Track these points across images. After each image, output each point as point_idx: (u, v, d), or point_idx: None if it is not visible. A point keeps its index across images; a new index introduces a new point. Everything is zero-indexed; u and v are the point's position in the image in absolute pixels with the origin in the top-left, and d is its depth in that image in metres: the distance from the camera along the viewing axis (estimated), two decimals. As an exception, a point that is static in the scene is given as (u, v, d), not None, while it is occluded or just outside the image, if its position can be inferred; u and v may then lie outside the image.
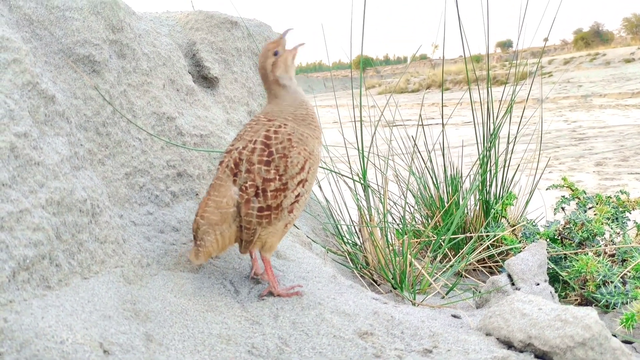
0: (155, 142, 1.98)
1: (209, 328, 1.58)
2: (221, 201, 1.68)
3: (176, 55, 2.22)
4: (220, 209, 1.68)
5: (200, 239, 1.69)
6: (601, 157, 10.15)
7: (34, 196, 1.34)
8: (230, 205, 1.68)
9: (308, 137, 1.77)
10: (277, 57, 1.79)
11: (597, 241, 2.65)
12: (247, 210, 1.68)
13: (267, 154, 1.69)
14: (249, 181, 1.68)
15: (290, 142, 1.72)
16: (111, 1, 1.88)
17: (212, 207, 1.69)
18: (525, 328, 1.60)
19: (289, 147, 1.71)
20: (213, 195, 1.70)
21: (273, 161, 1.69)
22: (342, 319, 1.73)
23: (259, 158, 1.69)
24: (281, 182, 1.70)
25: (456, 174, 3.19)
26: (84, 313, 1.32)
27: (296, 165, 1.72)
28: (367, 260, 2.64)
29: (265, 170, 1.68)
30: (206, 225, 1.68)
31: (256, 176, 1.68)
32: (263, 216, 1.69)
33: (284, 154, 1.70)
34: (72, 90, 1.73)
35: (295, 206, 1.76)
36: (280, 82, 1.80)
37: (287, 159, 1.70)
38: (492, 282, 2.19)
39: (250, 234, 1.71)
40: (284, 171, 1.70)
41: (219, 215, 1.68)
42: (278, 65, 1.79)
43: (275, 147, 1.70)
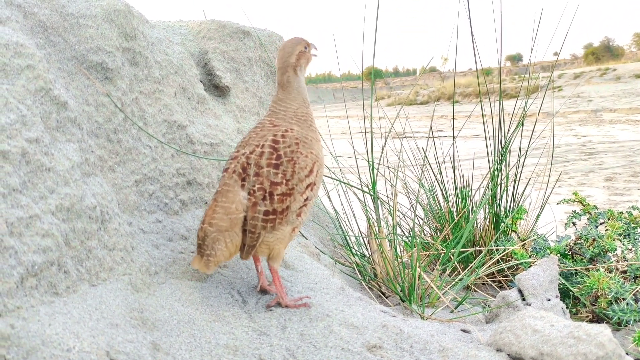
0: (165, 150, 1.98)
1: (216, 338, 1.57)
2: (230, 207, 1.67)
3: (188, 63, 2.22)
4: (229, 214, 1.67)
5: (209, 247, 1.66)
6: (611, 172, 10.08)
7: (44, 202, 1.34)
8: (239, 211, 1.67)
9: (312, 140, 1.80)
10: (305, 50, 1.87)
11: (609, 257, 2.62)
12: (254, 214, 1.67)
13: (275, 157, 1.70)
14: (257, 184, 1.68)
15: (297, 146, 1.74)
16: (125, 9, 1.89)
17: (220, 213, 1.67)
18: (537, 345, 1.57)
19: (296, 151, 1.73)
20: (221, 201, 1.68)
21: (281, 164, 1.70)
22: (350, 332, 1.71)
23: (268, 161, 1.69)
24: (288, 187, 1.70)
25: (466, 186, 3.17)
26: (91, 321, 1.31)
27: (304, 168, 1.74)
28: (376, 272, 2.61)
29: (274, 174, 1.69)
30: (215, 232, 1.66)
31: (264, 179, 1.68)
32: (268, 220, 1.68)
33: (291, 157, 1.72)
34: (84, 96, 1.73)
35: (303, 210, 1.76)
36: (298, 71, 1.85)
37: (294, 163, 1.72)
38: (502, 296, 2.17)
39: (255, 238, 1.69)
40: (291, 176, 1.71)
41: (229, 221, 1.67)
42: (304, 55, 1.86)
43: (283, 151, 1.71)
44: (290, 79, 1.84)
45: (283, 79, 1.85)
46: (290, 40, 1.89)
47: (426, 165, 3.19)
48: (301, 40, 1.88)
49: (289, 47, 1.86)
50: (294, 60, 1.84)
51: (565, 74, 35.43)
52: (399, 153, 3.18)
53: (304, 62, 1.86)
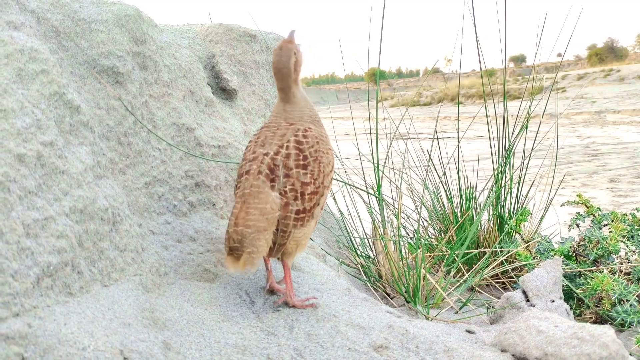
0: (174, 153, 2.01)
1: (225, 338, 1.60)
2: (265, 207, 1.69)
3: (196, 67, 2.25)
4: (265, 214, 1.68)
5: (250, 245, 1.65)
6: (615, 174, 10.08)
7: (58, 204, 1.37)
8: (275, 210, 1.70)
9: (327, 138, 1.87)
10: (297, 57, 1.84)
11: (613, 259, 2.64)
12: (286, 214, 1.70)
13: (302, 158, 1.75)
14: (289, 185, 1.71)
15: (319, 144, 1.80)
16: (135, 14, 1.92)
17: (256, 214, 1.68)
18: (542, 345, 1.60)
19: (319, 150, 1.79)
20: (253, 203, 1.69)
21: (309, 165, 1.75)
22: (357, 332, 1.74)
23: (296, 162, 1.73)
24: (315, 186, 1.76)
25: (470, 188, 3.19)
26: (105, 320, 1.34)
27: (328, 164, 1.81)
28: (380, 273, 2.64)
29: (303, 174, 1.73)
30: (254, 232, 1.66)
31: (295, 180, 1.72)
32: (299, 218, 1.73)
33: (316, 157, 1.77)
34: (95, 100, 1.76)
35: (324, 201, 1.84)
36: (298, 81, 1.87)
37: (320, 162, 1.78)
38: (506, 298, 2.19)
39: (285, 237, 1.73)
40: (318, 174, 1.76)
41: (266, 221, 1.68)
42: (299, 64, 1.86)
43: (308, 151, 1.76)
44: (295, 93, 1.86)
45: (289, 95, 1.84)
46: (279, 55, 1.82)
47: (430, 167, 3.21)
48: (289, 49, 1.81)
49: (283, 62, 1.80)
50: (294, 76, 1.83)
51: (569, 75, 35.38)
52: (403, 155, 3.20)
53: (300, 69, 1.86)
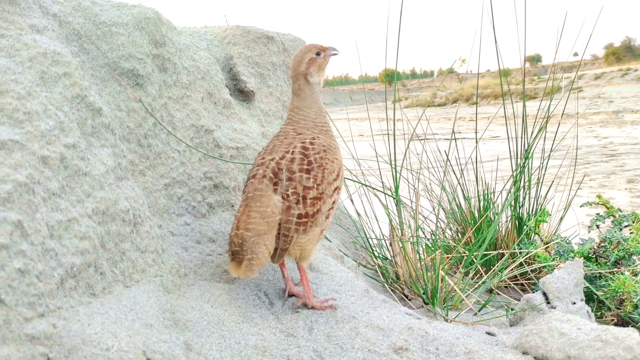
0: (193, 154, 2.02)
1: (245, 339, 1.60)
2: (266, 210, 1.70)
3: (214, 69, 2.26)
4: (266, 218, 1.70)
5: (250, 251, 1.67)
6: (633, 174, 9.95)
7: (81, 205, 1.38)
8: (276, 214, 1.70)
9: (335, 148, 1.88)
10: (317, 57, 1.90)
11: (634, 260, 2.60)
12: (288, 217, 1.71)
13: (306, 163, 1.76)
14: (291, 189, 1.72)
15: (325, 152, 1.81)
16: (155, 17, 1.94)
17: (256, 217, 1.69)
18: (564, 348, 1.58)
19: (324, 158, 1.80)
20: (255, 206, 1.71)
21: (312, 170, 1.76)
22: (376, 334, 1.73)
23: (299, 167, 1.74)
24: (318, 191, 1.76)
25: (488, 189, 3.17)
26: (127, 321, 1.35)
27: (332, 172, 1.80)
28: (398, 274, 2.63)
29: (306, 178, 1.74)
30: (254, 236, 1.68)
31: (297, 184, 1.72)
32: (301, 223, 1.72)
33: (321, 163, 1.78)
34: (116, 102, 1.78)
35: (330, 212, 1.83)
36: (309, 78, 1.89)
37: (324, 169, 1.78)
38: (526, 300, 2.17)
39: (288, 242, 1.72)
40: (321, 180, 1.77)
41: (266, 224, 1.69)
42: (314, 63, 1.89)
43: (313, 157, 1.77)
44: (301, 87, 1.89)
45: (295, 87, 1.90)
46: (301, 49, 1.93)
47: (448, 168, 3.19)
48: (312, 47, 1.91)
49: (299, 55, 1.90)
50: (303, 68, 1.88)
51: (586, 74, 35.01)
52: (419, 156, 3.19)
53: (314, 69, 1.89)
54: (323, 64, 1.92)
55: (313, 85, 1.90)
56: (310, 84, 1.89)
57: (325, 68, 1.94)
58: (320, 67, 1.91)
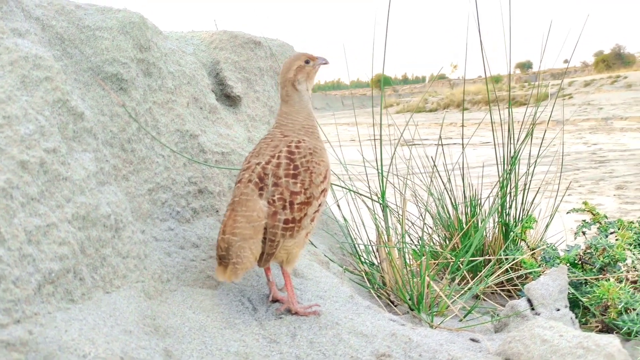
0: (177, 159, 2.01)
1: (227, 345, 1.59)
2: (252, 215, 1.70)
3: (200, 74, 2.26)
4: (252, 222, 1.69)
5: (235, 255, 1.67)
6: (622, 181, 10.02)
7: (60, 211, 1.37)
8: (261, 218, 1.70)
9: (322, 150, 1.87)
10: (305, 65, 1.91)
11: (619, 267, 2.61)
12: (274, 223, 1.70)
13: (292, 167, 1.75)
14: (277, 194, 1.71)
15: (311, 155, 1.80)
16: (140, 21, 1.93)
17: (242, 222, 1.69)
18: (546, 355, 1.58)
19: (311, 161, 1.79)
20: (241, 210, 1.71)
21: (299, 174, 1.75)
22: (359, 340, 1.73)
23: (286, 172, 1.74)
24: (306, 196, 1.75)
25: (475, 195, 3.18)
26: (106, 327, 1.34)
27: (319, 175, 1.80)
28: (384, 280, 2.62)
29: (293, 183, 1.74)
30: (240, 241, 1.68)
31: (284, 189, 1.72)
32: (288, 228, 1.72)
33: (307, 167, 1.78)
34: (99, 107, 1.77)
35: (316, 215, 1.83)
36: (297, 85, 1.89)
37: (311, 173, 1.78)
38: (511, 306, 2.17)
39: (274, 246, 1.72)
40: (309, 184, 1.76)
41: (252, 229, 1.69)
42: (302, 70, 1.90)
43: (299, 161, 1.77)
44: (289, 93, 1.90)
45: (282, 93, 1.91)
46: (291, 56, 1.94)
47: (435, 174, 3.20)
48: (301, 55, 1.93)
49: (288, 62, 1.92)
50: (291, 75, 1.89)
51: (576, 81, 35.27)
52: (407, 161, 3.19)
53: (302, 76, 1.90)
54: (311, 73, 1.93)
55: (301, 93, 1.90)
56: (298, 91, 1.90)
57: (313, 76, 1.95)
58: (309, 75, 1.92)
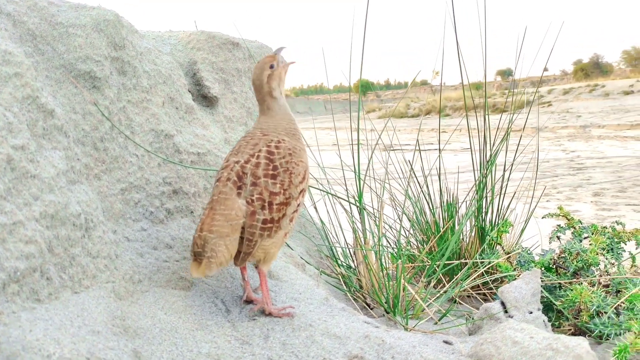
0: (152, 159, 1.99)
1: (198, 347, 1.57)
2: (230, 213, 1.69)
3: (177, 73, 2.24)
4: (230, 220, 1.69)
5: (210, 250, 1.66)
6: (599, 188, 10.17)
7: (28, 209, 1.35)
8: (239, 217, 1.70)
9: (301, 150, 1.87)
10: (272, 70, 1.89)
11: (592, 271, 2.64)
12: (252, 222, 1.70)
13: (272, 167, 1.75)
14: (256, 194, 1.71)
15: (291, 156, 1.80)
16: (114, 19, 1.91)
17: (220, 220, 1.68)
18: (516, 356, 1.59)
19: (290, 161, 1.79)
20: (219, 209, 1.70)
21: (279, 175, 1.75)
22: (332, 342, 1.72)
23: (265, 172, 1.74)
24: (285, 196, 1.75)
25: (453, 199, 3.20)
26: (73, 327, 1.32)
27: (298, 175, 1.80)
28: (361, 283, 2.63)
29: (272, 184, 1.73)
30: (217, 238, 1.67)
31: (263, 189, 1.72)
32: (266, 228, 1.72)
33: (287, 168, 1.78)
34: (71, 105, 1.74)
35: (294, 215, 1.83)
36: (273, 94, 1.89)
37: (291, 173, 1.78)
38: (485, 309, 2.19)
39: (251, 246, 1.72)
40: (288, 185, 1.76)
41: (229, 227, 1.69)
42: (273, 78, 1.89)
43: (279, 162, 1.77)
44: (270, 106, 1.90)
45: (264, 107, 1.90)
46: (255, 70, 1.91)
47: (413, 178, 3.21)
48: (263, 63, 1.90)
49: (257, 74, 1.89)
50: (267, 88, 1.88)
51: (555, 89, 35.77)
52: (386, 165, 3.20)
53: (275, 83, 1.89)
54: (282, 74, 1.93)
55: (279, 100, 1.91)
56: (276, 99, 1.90)
57: (284, 76, 1.95)
58: (280, 77, 1.92)
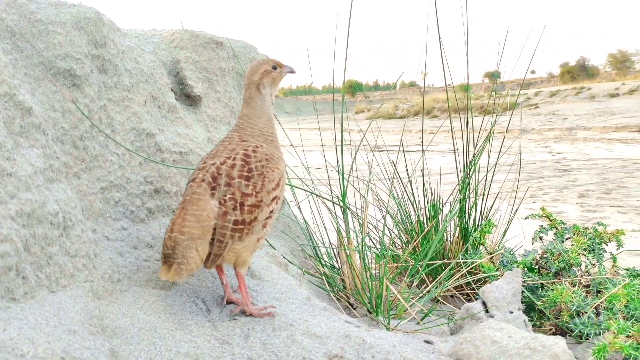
0: (133, 158, 1.98)
1: (177, 346, 1.57)
2: (201, 214, 1.68)
3: (159, 72, 2.23)
4: (201, 222, 1.68)
5: (181, 255, 1.65)
6: (584, 189, 10.28)
7: (3, 207, 1.33)
8: (211, 218, 1.69)
9: (278, 158, 1.87)
10: (272, 70, 1.93)
11: (574, 271, 2.67)
12: (224, 223, 1.69)
13: (247, 170, 1.75)
14: (229, 194, 1.70)
15: (267, 161, 1.81)
16: (95, 17, 1.90)
17: (192, 221, 1.67)
18: (495, 355, 1.60)
19: (266, 166, 1.79)
20: (191, 209, 1.69)
21: (252, 177, 1.75)
22: (313, 341, 1.72)
23: (239, 173, 1.74)
24: (257, 199, 1.74)
25: (437, 200, 3.21)
26: (48, 327, 1.30)
27: (272, 182, 1.80)
28: (345, 283, 2.63)
29: (245, 185, 1.73)
30: (187, 240, 1.66)
31: (236, 190, 1.71)
32: (237, 229, 1.71)
33: (262, 172, 1.78)
34: (50, 102, 1.73)
35: (268, 221, 1.82)
36: (261, 88, 1.91)
37: (264, 177, 1.78)
38: (466, 309, 2.20)
39: (222, 247, 1.70)
40: (260, 188, 1.76)
41: (201, 228, 1.67)
42: (269, 76, 1.92)
43: (254, 165, 1.77)
44: (252, 96, 1.91)
45: (246, 95, 1.92)
46: (258, 60, 1.96)
47: (397, 178, 3.23)
48: (270, 60, 1.95)
49: (255, 65, 1.93)
50: (257, 78, 1.90)
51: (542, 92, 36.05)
52: (370, 165, 3.21)
53: (267, 81, 1.91)
54: (277, 78, 1.95)
55: (264, 96, 1.91)
56: (261, 94, 1.91)
57: (278, 83, 1.97)
58: (274, 80, 1.94)
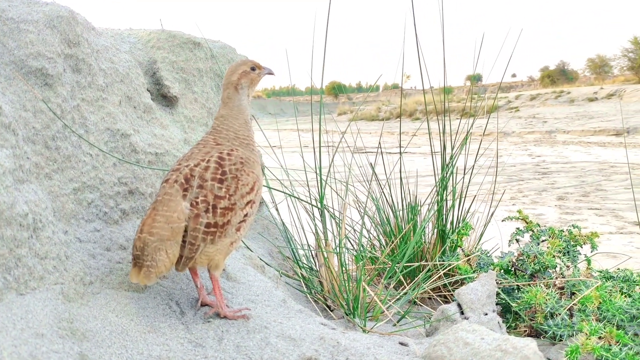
0: (107, 159, 1.96)
1: (149, 349, 1.55)
2: (172, 216, 1.66)
3: (135, 72, 2.21)
4: (171, 223, 1.66)
5: (150, 257, 1.63)
6: (563, 192, 10.40)
7: (-31, 208, 1.31)
8: (181, 220, 1.67)
9: (254, 162, 1.86)
10: (250, 72, 1.93)
11: (549, 273, 2.70)
12: (195, 225, 1.67)
13: (220, 172, 1.74)
14: (201, 196, 1.69)
15: (242, 165, 1.80)
16: (68, 16, 1.87)
17: (161, 222, 1.66)
18: (467, 357, 1.61)
19: (240, 170, 1.78)
20: (162, 210, 1.67)
21: (226, 180, 1.74)
22: (287, 344, 1.72)
23: (213, 175, 1.72)
24: (230, 202, 1.73)
25: (415, 202, 3.22)
26: (15, 330, 1.28)
27: (246, 185, 1.78)
28: (322, 285, 2.63)
29: (218, 188, 1.72)
30: (157, 241, 1.64)
31: (208, 192, 1.70)
32: (209, 232, 1.69)
33: (235, 175, 1.76)
34: (21, 102, 1.70)
35: (242, 225, 1.80)
36: (239, 89, 1.91)
37: (238, 180, 1.76)
38: (442, 310, 2.21)
39: (193, 250, 1.69)
40: (234, 191, 1.74)
41: (170, 230, 1.66)
42: (247, 77, 1.92)
43: (228, 168, 1.76)
44: (230, 96, 1.90)
45: (224, 95, 1.91)
46: (238, 61, 1.97)
47: (376, 180, 3.23)
48: (249, 61, 1.95)
49: (234, 66, 1.93)
50: (235, 78, 1.90)
51: (522, 95, 36.45)
52: (350, 167, 3.21)
53: (245, 81, 1.92)
54: (255, 80, 1.95)
55: (241, 97, 1.91)
56: (238, 95, 1.90)
57: (256, 84, 1.97)
58: (252, 81, 1.94)
